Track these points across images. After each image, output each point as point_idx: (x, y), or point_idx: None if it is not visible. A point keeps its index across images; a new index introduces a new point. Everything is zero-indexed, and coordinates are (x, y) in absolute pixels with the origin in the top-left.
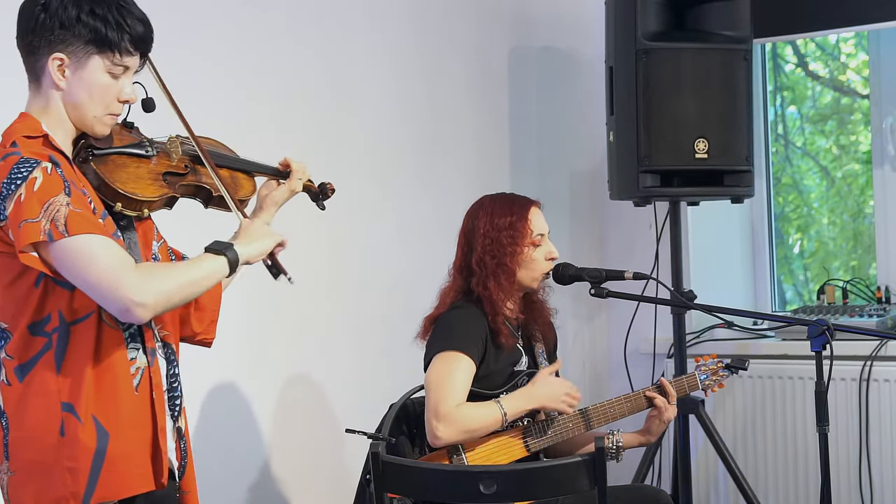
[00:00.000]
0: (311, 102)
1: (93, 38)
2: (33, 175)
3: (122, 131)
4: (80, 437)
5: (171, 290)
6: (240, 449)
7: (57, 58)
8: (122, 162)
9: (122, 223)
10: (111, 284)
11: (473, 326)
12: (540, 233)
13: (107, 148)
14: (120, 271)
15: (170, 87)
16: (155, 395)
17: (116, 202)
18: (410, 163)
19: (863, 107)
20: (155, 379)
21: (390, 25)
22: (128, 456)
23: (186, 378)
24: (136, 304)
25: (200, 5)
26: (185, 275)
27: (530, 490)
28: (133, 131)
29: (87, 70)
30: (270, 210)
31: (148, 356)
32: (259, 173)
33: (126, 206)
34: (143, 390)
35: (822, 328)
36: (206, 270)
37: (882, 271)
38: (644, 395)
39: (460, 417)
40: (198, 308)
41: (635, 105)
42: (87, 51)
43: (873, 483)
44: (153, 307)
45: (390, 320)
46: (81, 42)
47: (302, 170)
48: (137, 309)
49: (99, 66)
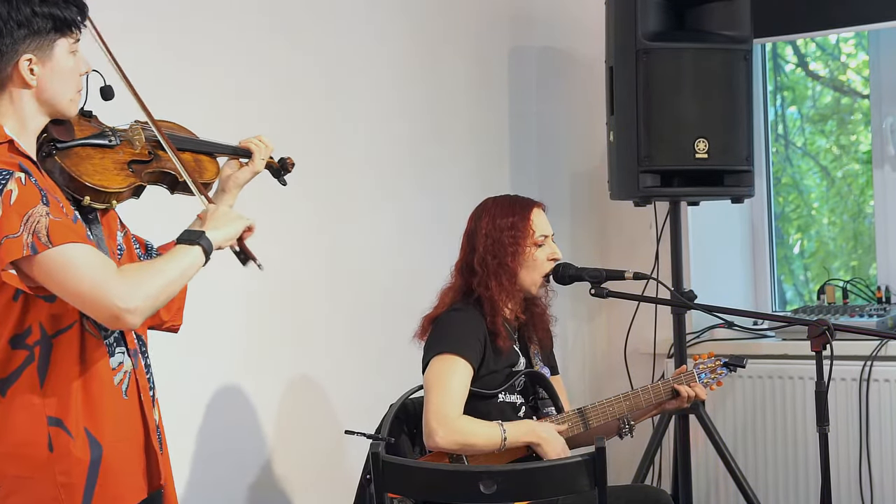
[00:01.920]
0: (311, 102)
1: (53, 25)
2: (8, 188)
3: (81, 121)
4: (73, 452)
5: (156, 291)
6: (240, 449)
7: (26, 59)
8: (86, 154)
9: (89, 216)
10: (99, 294)
11: (472, 329)
12: (543, 234)
13: (69, 140)
14: (106, 280)
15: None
16: (143, 397)
17: (85, 196)
18: (410, 163)
19: (863, 107)
20: (141, 381)
21: (390, 26)
22: (122, 466)
23: (187, 378)
24: (126, 311)
25: (202, 4)
26: (167, 273)
27: (530, 490)
28: (92, 120)
29: (54, 59)
30: (233, 192)
31: (132, 358)
32: (221, 154)
33: (94, 200)
34: (132, 394)
35: (822, 328)
36: (185, 264)
37: (882, 271)
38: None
39: (460, 429)
40: None
41: (635, 105)
42: (51, 39)
43: (873, 483)
44: (142, 312)
45: (390, 320)
46: (44, 34)
47: (262, 148)
48: (127, 316)
49: (64, 49)
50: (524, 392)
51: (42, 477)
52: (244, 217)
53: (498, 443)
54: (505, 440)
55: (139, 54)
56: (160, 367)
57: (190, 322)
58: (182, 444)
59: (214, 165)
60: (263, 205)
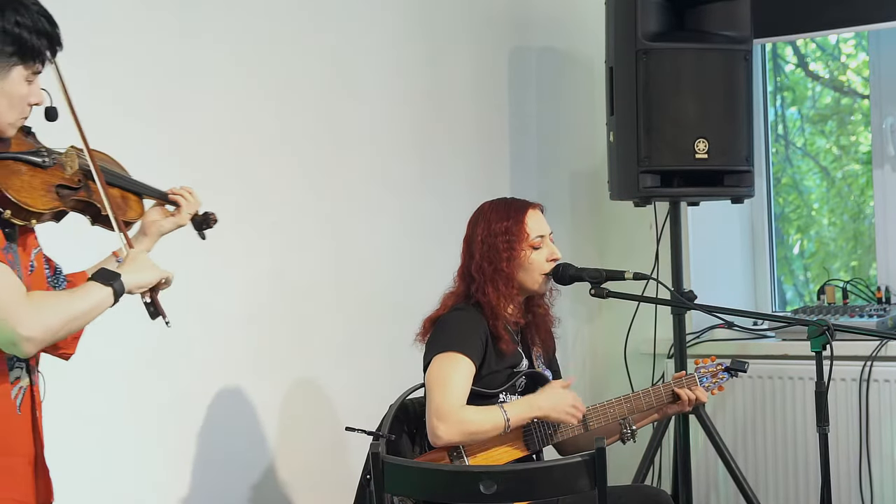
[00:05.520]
0: (312, 102)
1: (16, 50)
2: None
3: (19, 136)
4: None
5: (58, 324)
6: (241, 449)
7: None
8: (16, 168)
9: (7, 230)
10: (2, 317)
11: (474, 328)
12: (539, 235)
13: (3, 152)
14: (12, 304)
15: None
16: (37, 414)
17: (6, 209)
18: (410, 163)
19: (863, 107)
20: (37, 397)
21: (390, 26)
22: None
23: (186, 378)
24: (24, 338)
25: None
26: (73, 307)
27: (530, 490)
28: (30, 137)
29: (8, 81)
30: (153, 238)
31: (30, 374)
32: (149, 196)
33: (15, 215)
34: (25, 410)
35: (822, 328)
36: (92, 302)
37: (882, 271)
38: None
39: (463, 419)
40: None
41: (635, 105)
42: (10, 63)
43: (873, 483)
44: (39, 343)
45: (391, 320)
46: (5, 55)
47: (191, 202)
48: (24, 343)
49: (20, 76)
50: (525, 393)
51: None
52: (161, 269)
53: (502, 426)
54: (508, 421)
55: (144, 48)
56: (160, 367)
57: (191, 322)
58: (183, 445)
59: (140, 206)
60: (264, 205)
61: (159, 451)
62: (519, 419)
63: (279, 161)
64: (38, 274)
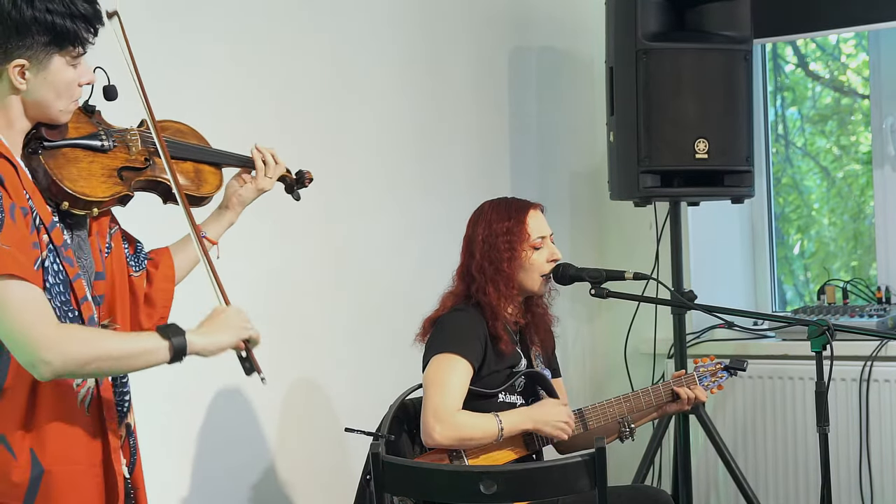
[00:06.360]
0: (312, 102)
1: (52, 38)
2: None
3: (80, 117)
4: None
5: (84, 359)
6: (241, 449)
7: (17, 64)
8: (74, 156)
9: (70, 221)
10: (24, 334)
11: (473, 329)
12: (540, 235)
13: (59, 140)
14: (38, 325)
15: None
16: (106, 415)
17: (63, 201)
18: (410, 163)
19: (863, 107)
20: (105, 396)
21: (390, 26)
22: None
23: (187, 379)
24: (43, 361)
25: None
26: (109, 346)
27: (530, 490)
28: (93, 117)
29: (50, 71)
30: (236, 209)
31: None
32: (228, 164)
33: (73, 206)
34: (94, 410)
35: (822, 328)
36: (136, 348)
37: (882, 272)
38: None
39: (458, 424)
40: (147, 303)
41: (635, 105)
42: (48, 52)
43: (873, 483)
44: (60, 370)
45: (391, 320)
46: (41, 45)
47: (271, 167)
48: (41, 366)
49: (61, 63)
50: (524, 392)
51: None
52: (248, 328)
53: (495, 434)
54: (502, 430)
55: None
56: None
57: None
58: (182, 445)
59: (217, 178)
60: (264, 206)
61: (160, 451)
62: (512, 429)
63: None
64: (115, 255)
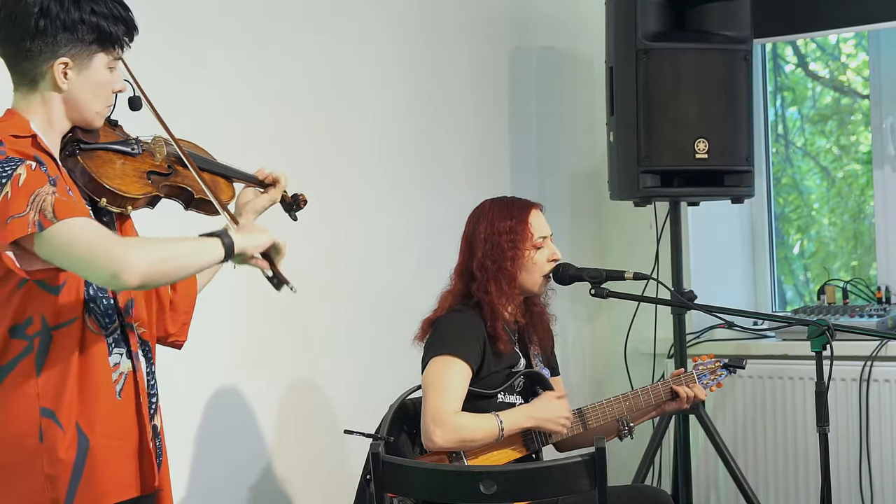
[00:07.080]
0: (312, 102)
1: (97, 37)
2: (17, 172)
3: (106, 128)
4: (61, 445)
5: (156, 257)
6: (241, 449)
7: (62, 62)
8: (108, 158)
9: (105, 219)
10: (97, 253)
11: (471, 331)
12: (542, 235)
13: (94, 143)
14: (106, 241)
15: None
16: (141, 400)
17: (102, 198)
18: (410, 162)
19: (863, 107)
20: (140, 383)
21: (390, 27)
22: (110, 463)
23: (187, 379)
24: (127, 267)
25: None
26: (174, 248)
27: (530, 490)
28: (117, 129)
29: (91, 70)
30: (249, 217)
31: (133, 360)
32: (238, 180)
33: (111, 202)
34: (127, 396)
35: (822, 328)
36: (196, 247)
37: (882, 271)
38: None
39: (458, 426)
40: (172, 308)
41: (635, 105)
42: (92, 51)
43: (873, 483)
44: (140, 272)
45: (391, 321)
46: (85, 44)
47: (285, 180)
48: (126, 273)
49: (102, 63)
50: (524, 392)
51: (29, 466)
52: (271, 233)
53: (496, 434)
54: (502, 430)
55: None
56: (160, 367)
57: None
58: (182, 445)
59: (230, 189)
60: None
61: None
62: (513, 428)
63: (279, 161)
64: None
